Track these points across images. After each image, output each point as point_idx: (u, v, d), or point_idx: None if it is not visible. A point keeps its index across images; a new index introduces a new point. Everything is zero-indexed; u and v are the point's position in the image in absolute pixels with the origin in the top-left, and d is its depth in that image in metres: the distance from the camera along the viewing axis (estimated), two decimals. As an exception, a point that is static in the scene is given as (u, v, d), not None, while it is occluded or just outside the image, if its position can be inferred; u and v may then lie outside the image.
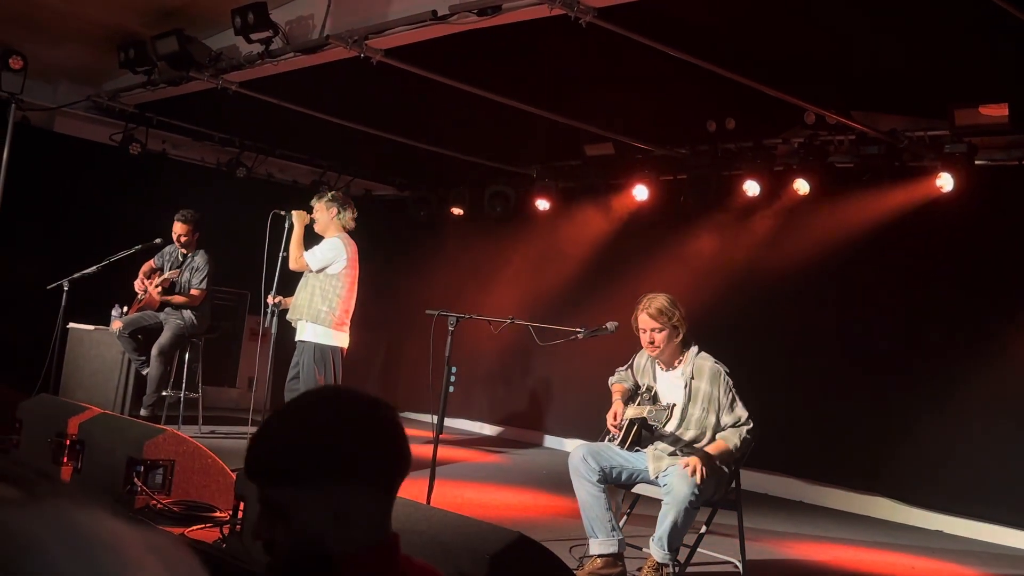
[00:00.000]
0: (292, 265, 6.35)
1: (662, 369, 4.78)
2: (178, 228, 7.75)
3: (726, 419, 4.51)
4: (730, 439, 4.46)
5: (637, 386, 4.88)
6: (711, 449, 4.43)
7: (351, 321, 6.48)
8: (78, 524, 0.62)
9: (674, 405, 4.53)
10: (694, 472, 4.23)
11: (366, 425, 1.56)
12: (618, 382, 4.99)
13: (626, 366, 5.01)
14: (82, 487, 4.91)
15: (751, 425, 4.49)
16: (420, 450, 8.20)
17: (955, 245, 7.24)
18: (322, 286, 6.29)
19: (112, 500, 4.56)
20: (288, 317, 6.45)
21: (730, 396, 4.53)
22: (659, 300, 4.67)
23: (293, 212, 6.41)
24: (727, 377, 4.55)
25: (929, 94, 6.78)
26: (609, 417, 4.73)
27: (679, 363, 4.70)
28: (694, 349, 4.69)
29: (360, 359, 9.33)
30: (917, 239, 7.38)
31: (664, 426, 4.45)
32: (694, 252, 8.58)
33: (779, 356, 7.98)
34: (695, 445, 4.47)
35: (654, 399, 4.70)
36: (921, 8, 5.36)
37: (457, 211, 10.73)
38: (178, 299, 7.70)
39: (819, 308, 8.00)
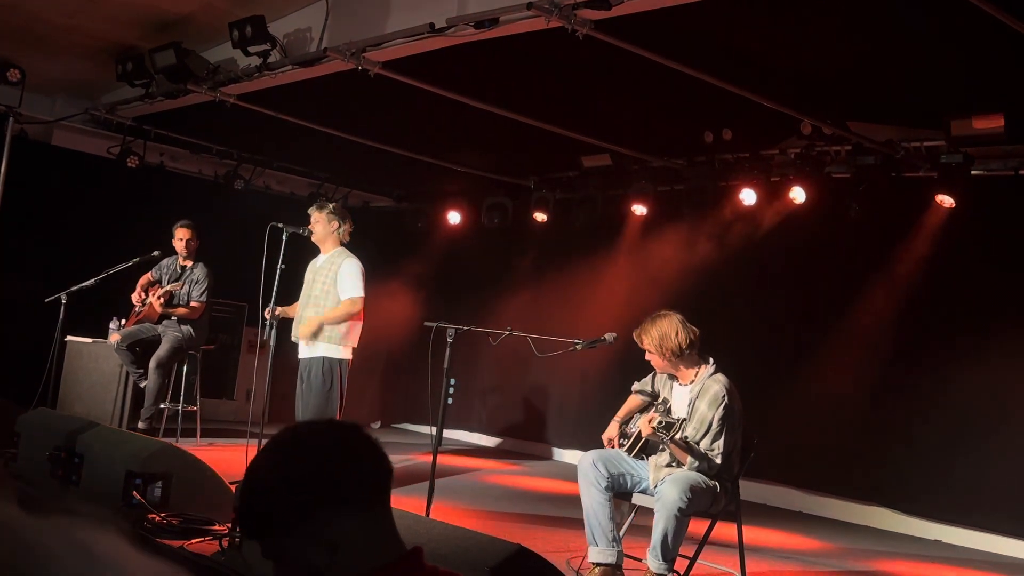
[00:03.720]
0: (353, 309, 6.21)
1: (679, 383, 4.78)
2: (182, 233, 7.78)
3: (704, 443, 4.51)
4: (699, 455, 4.45)
5: (655, 395, 4.88)
6: (686, 447, 4.43)
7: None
8: (88, 541, 0.63)
9: (684, 420, 4.50)
10: (650, 421, 4.33)
11: (328, 452, 1.54)
12: (637, 391, 5.00)
13: (651, 374, 4.99)
14: (81, 501, 4.91)
15: (717, 463, 4.47)
16: (419, 462, 8.14)
17: (951, 254, 7.24)
18: (332, 303, 6.27)
19: (115, 517, 4.54)
20: (295, 336, 6.38)
21: (720, 426, 4.49)
22: (654, 329, 4.62)
23: (278, 309, 6.34)
24: (725, 408, 4.50)
25: (925, 105, 6.80)
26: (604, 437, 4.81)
27: (692, 380, 4.71)
28: (709, 369, 4.67)
29: (359, 371, 9.29)
30: (914, 248, 7.39)
31: (669, 437, 4.39)
32: (693, 261, 8.58)
33: (777, 366, 7.99)
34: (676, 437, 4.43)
35: (668, 412, 4.70)
36: (916, 19, 5.38)
37: (455, 222, 10.75)
38: (178, 311, 7.70)
39: (817, 318, 8.01)
